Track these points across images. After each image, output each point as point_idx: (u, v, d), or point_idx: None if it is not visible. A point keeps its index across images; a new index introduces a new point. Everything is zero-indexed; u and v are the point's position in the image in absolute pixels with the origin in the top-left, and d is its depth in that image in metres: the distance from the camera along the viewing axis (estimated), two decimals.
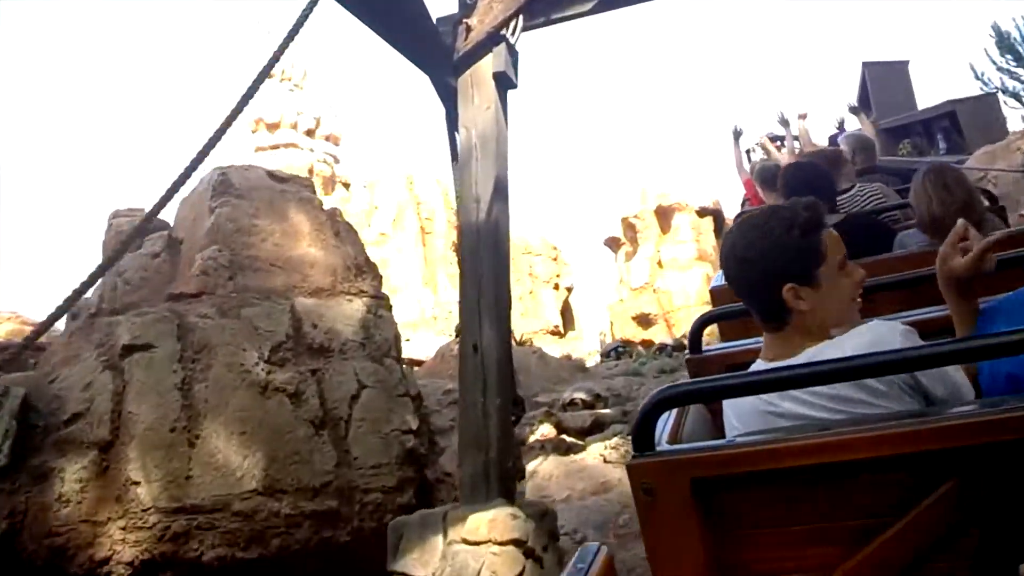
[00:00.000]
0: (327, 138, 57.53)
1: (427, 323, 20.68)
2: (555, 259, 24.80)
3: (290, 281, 8.36)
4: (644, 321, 30.45)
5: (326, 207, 9.23)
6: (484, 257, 5.50)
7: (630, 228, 34.71)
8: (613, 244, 37.73)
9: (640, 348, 19.14)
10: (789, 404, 1.42)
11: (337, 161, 56.26)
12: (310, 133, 52.04)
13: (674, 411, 1.57)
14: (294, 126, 47.94)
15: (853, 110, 7.18)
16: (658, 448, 1.34)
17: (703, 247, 30.24)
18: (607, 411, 9.55)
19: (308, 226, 9.02)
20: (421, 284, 21.13)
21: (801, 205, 1.51)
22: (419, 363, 13.84)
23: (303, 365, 7.65)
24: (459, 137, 6.45)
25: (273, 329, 7.58)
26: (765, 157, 6.09)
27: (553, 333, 23.79)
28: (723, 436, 1.57)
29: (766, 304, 1.51)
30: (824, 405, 1.38)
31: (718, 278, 3.03)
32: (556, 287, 24.46)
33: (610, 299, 32.77)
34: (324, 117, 49.43)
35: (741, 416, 1.52)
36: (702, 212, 32.23)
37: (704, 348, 2.11)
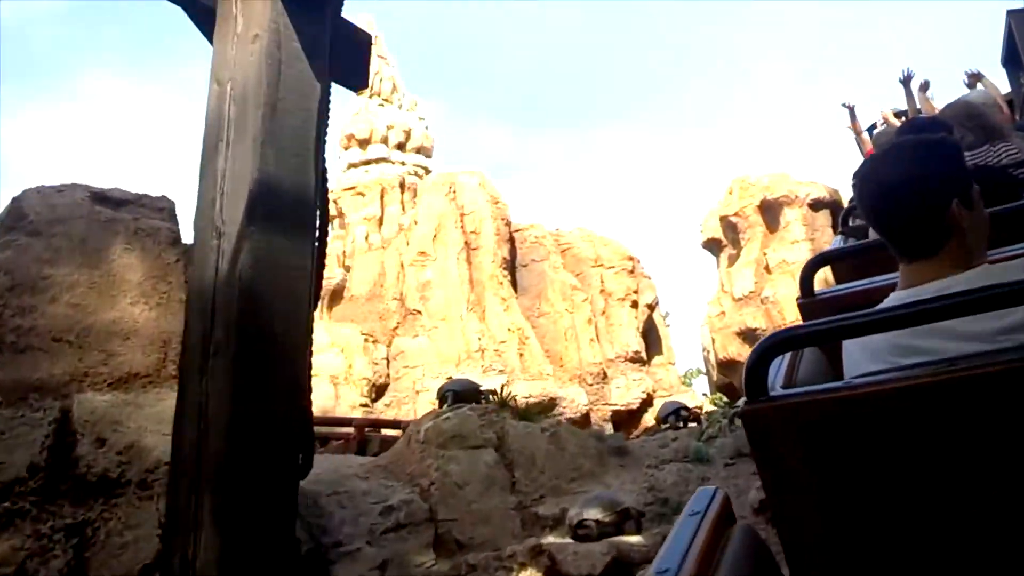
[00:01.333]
0: (418, 150, 56.28)
1: (473, 358, 17.48)
2: (631, 271, 21.00)
3: (77, 367, 5.30)
4: (750, 337, 26.18)
5: None
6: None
7: (731, 228, 30.43)
8: (715, 247, 33.47)
9: (714, 407, 15.15)
10: (938, 341, 1.31)
11: (428, 172, 54.89)
12: (401, 147, 51.55)
13: (787, 356, 1.52)
14: (384, 140, 48.07)
15: (973, 77, 5.69)
16: (771, 393, 1.30)
17: (819, 246, 25.57)
18: (638, 539, 5.99)
19: (139, 273, 5.89)
20: (466, 310, 17.97)
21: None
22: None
23: (56, 519, 4.61)
24: (209, 98, 3.06)
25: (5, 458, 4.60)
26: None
27: (633, 360, 20.01)
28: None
29: (923, 225, 1.41)
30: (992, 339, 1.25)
31: (836, 241, 3.12)
32: (634, 304, 20.67)
33: (711, 312, 28.74)
34: (415, 129, 49.01)
35: (876, 354, 1.40)
36: (816, 205, 27.47)
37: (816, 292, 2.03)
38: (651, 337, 21.73)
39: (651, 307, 21.10)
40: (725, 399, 19.35)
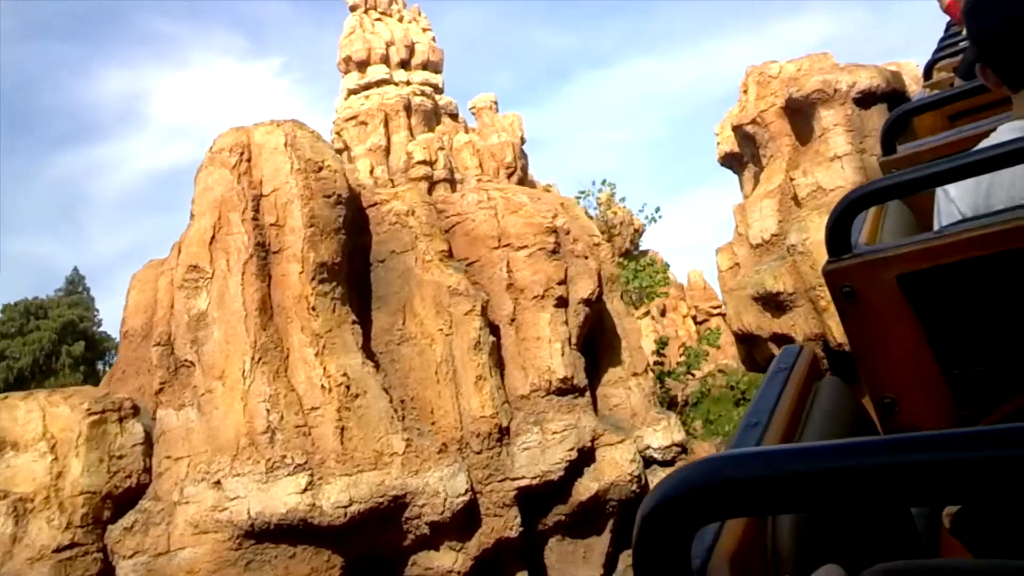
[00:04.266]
0: (424, 66, 48.59)
1: (259, 444, 10.68)
2: (554, 250, 13.38)
3: None
4: (772, 304, 18.15)
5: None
6: None
7: (748, 141, 21.77)
8: (735, 163, 24.78)
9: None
10: None
11: (439, 91, 47.37)
12: (404, 64, 45.10)
13: (869, 213, 1.49)
14: (384, 60, 42.06)
15: None
16: (855, 250, 1.29)
17: (871, 166, 17.13)
18: None
19: None
20: (250, 361, 11.06)
21: None
22: None
23: None
24: None
25: None
26: None
27: (560, 391, 12.76)
28: None
29: None
30: None
31: (920, 95, 2.77)
32: (561, 301, 13.22)
33: (721, 264, 20.72)
34: (418, 43, 40.28)
35: (993, 195, 1.34)
36: (866, 98, 18.45)
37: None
38: (601, 343, 14.36)
39: (591, 300, 13.58)
40: None
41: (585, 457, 12.65)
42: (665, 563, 0.56)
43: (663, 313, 35.40)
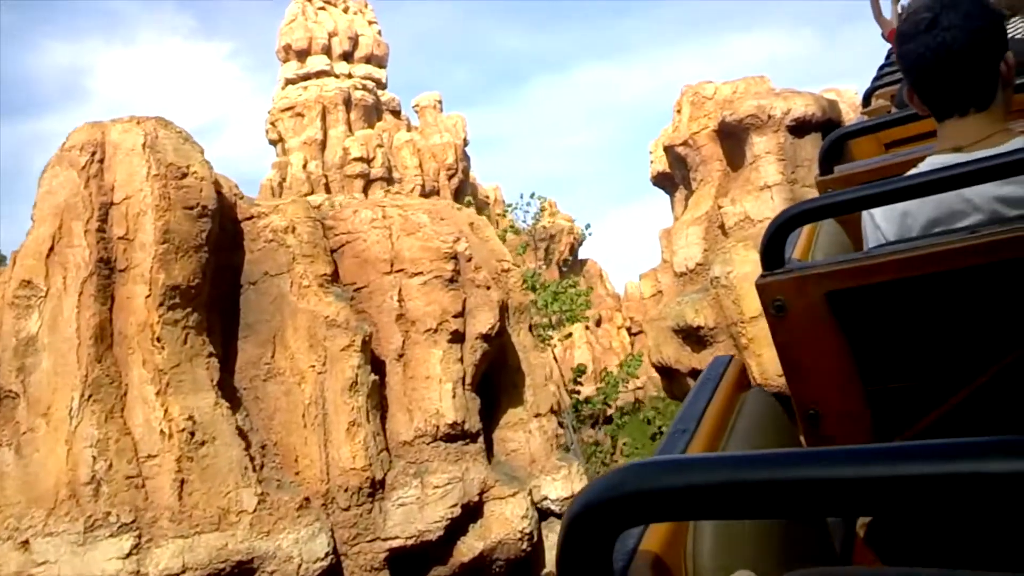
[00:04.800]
0: (368, 60, 46.94)
1: (81, 498, 9.15)
2: (451, 279, 12.12)
3: None
4: (693, 339, 17.23)
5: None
6: None
7: (680, 164, 20.81)
8: (667, 184, 23.81)
9: None
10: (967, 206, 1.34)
11: (383, 86, 45.92)
12: (347, 57, 43.71)
13: (803, 230, 1.55)
14: (326, 50, 40.75)
15: None
16: (788, 265, 1.33)
17: (800, 197, 16.40)
18: None
19: None
20: (79, 399, 9.50)
21: None
22: None
23: None
24: None
25: None
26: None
27: (448, 437, 11.53)
28: None
29: (981, 74, 1.39)
30: None
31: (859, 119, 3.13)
32: (456, 336, 11.98)
33: (644, 290, 19.76)
34: (363, 35, 39.31)
35: (913, 221, 1.41)
36: (800, 126, 17.65)
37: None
38: (501, 381, 13.18)
39: (490, 336, 12.37)
40: None
41: (471, 512, 11.44)
42: (588, 565, 0.59)
43: (599, 324, 34.56)
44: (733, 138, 18.35)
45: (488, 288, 12.26)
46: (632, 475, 0.57)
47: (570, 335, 22.55)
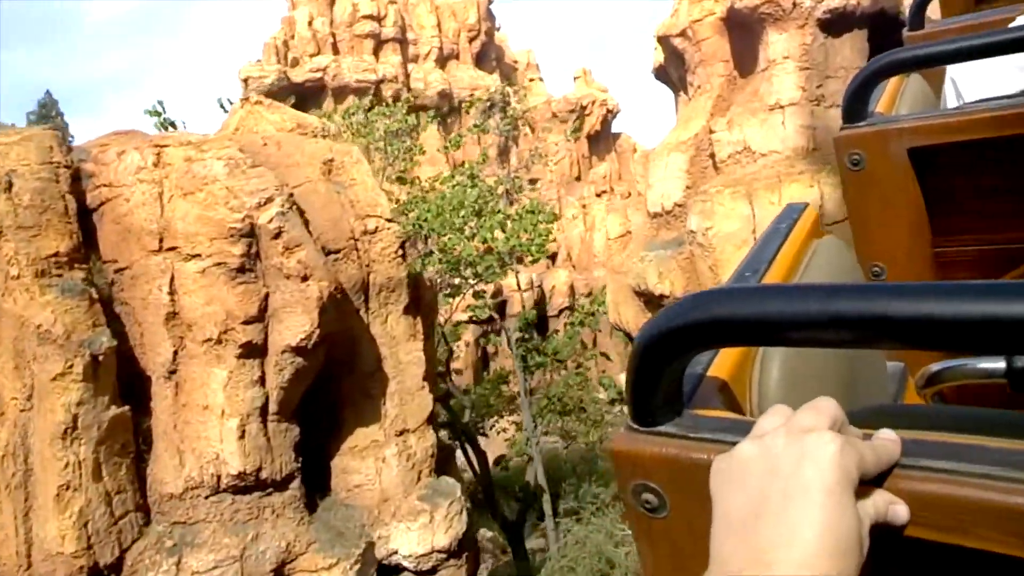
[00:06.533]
0: None
1: None
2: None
3: None
4: (655, 306, 13.06)
5: None
6: None
7: (677, 61, 15.56)
8: (669, 80, 18.54)
9: None
10: None
11: None
12: None
13: (889, 84, 1.48)
14: None
15: None
16: (870, 119, 1.29)
17: (828, 123, 11.29)
18: None
19: None
20: None
21: None
22: None
23: None
24: None
25: None
26: None
27: (241, 490, 8.17)
28: None
29: None
30: None
31: None
32: None
33: (611, 227, 15.34)
34: None
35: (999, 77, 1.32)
36: (833, 20, 12.29)
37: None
38: (346, 388, 9.52)
39: (304, 349, 8.59)
40: None
41: None
42: (659, 388, 0.61)
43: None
44: (744, 33, 13.32)
45: (304, 279, 8.34)
46: (702, 301, 0.57)
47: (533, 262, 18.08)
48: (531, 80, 59.05)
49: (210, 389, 8.22)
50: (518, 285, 19.44)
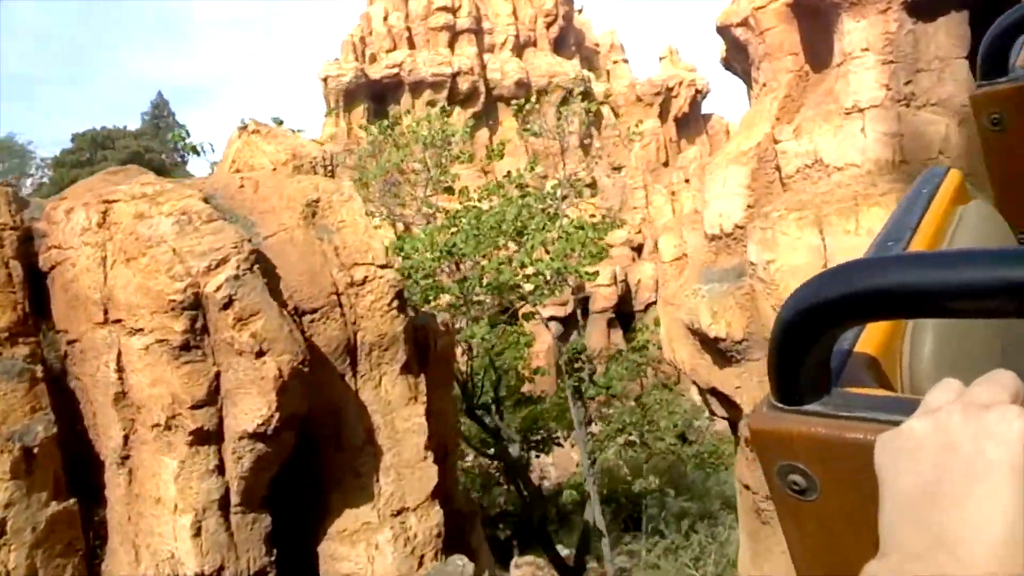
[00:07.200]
0: None
1: None
2: None
3: None
4: (715, 349, 10.93)
5: None
6: None
7: (740, 53, 13.42)
8: (736, 72, 16.24)
9: None
10: None
11: None
12: None
13: None
14: None
15: None
16: (1012, 74, 1.19)
17: (916, 129, 8.93)
18: None
19: None
20: None
21: None
22: None
23: None
24: None
25: None
26: None
27: None
28: None
29: None
30: None
31: None
32: None
33: (664, 249, 13.59)
34: None
35: None
36: (920, 1, 9.77)
37: None
38: (334, 464, 8.39)
39: (263, 434, 7.50)
40: None
41: None
42: (806, 365, 0.59)
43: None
44: (815, 21, 11.24)
45: (260, 355, 7.21)
46: (846, 274, 0.55)
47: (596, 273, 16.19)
48: (615, 62, 56.64)
49: (161, 480, 7.28)
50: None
